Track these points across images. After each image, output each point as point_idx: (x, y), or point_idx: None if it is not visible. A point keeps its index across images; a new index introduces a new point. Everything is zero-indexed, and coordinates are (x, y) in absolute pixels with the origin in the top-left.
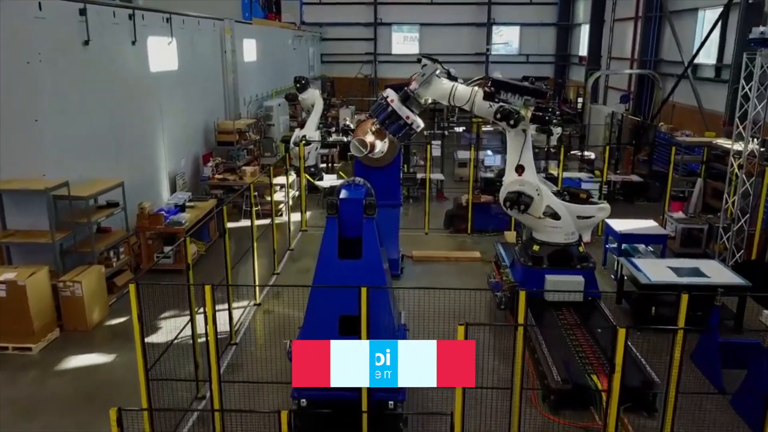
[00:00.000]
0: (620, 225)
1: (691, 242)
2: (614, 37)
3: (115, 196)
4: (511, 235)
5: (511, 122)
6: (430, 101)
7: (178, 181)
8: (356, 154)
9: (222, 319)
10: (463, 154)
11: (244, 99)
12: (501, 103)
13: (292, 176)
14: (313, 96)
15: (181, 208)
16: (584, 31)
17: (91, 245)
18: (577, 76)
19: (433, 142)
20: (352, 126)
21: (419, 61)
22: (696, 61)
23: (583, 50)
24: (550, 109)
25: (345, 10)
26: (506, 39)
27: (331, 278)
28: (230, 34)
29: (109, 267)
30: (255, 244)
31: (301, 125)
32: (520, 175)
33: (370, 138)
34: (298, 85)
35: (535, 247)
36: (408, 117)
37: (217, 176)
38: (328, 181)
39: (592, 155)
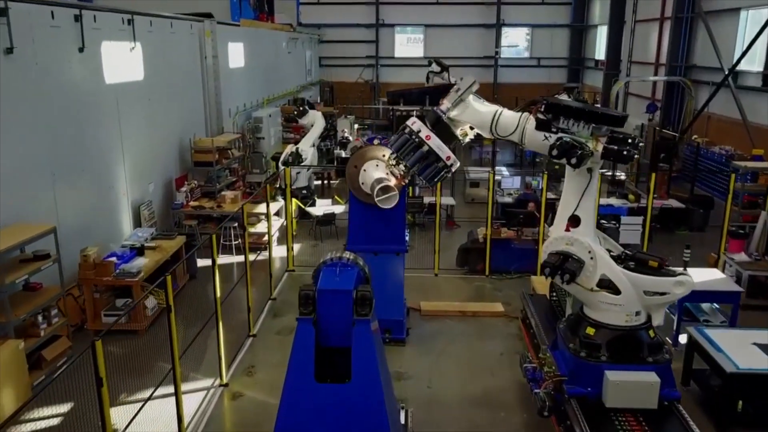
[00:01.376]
0: None
1: (760, 291)
2: (636, 39)
3: (48, 245)
4: (540, 283)
5: (573, 161)
6: (469, 136)
7: (143, 212)
8: (381, 205)
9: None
10: (474, 173)
11: (229, 110)
12: (560, 134)
13: (280, 202)
14: (314, 117)
15: (139, 250)
16: (601, 33)
17: (5, 313)
18: (592, 80)
19: None
20: (351, 138)
21: (430, 64)
22: (737, 67)
23: (599, 53)
24: (629, 140)
25: (345, 10)
26: (512, 41)
27: (304, 411)
28: (211, 37)
29: (35, 336)
30: (219, 308)
31: (297, 141)
32: (570, 229)
33: (393, 182)
34: (295, 112)
35: (590, 330)
36: (449, 157)
37: (191, 203)
38: (321, 206)
39: (623, 175)
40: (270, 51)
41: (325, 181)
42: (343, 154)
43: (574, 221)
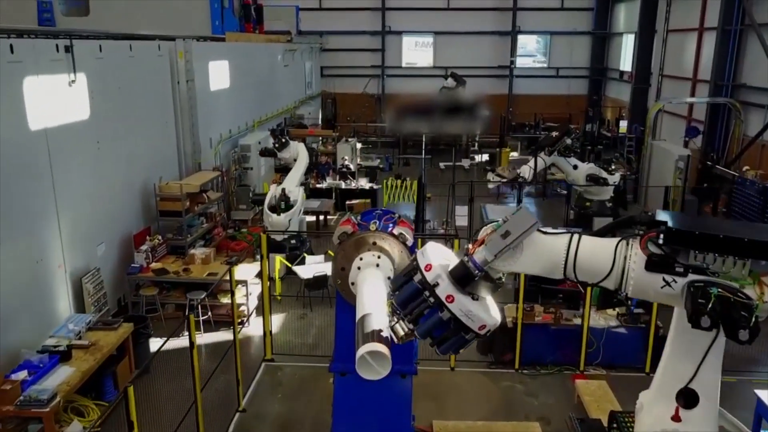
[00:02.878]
0: None
1: None
2: (668, 51)
3: None
4: (588, 392)
5: (744, 334)
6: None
7: (86, 285)
8: (360, 372)
9: None
10: (495, 214)
11: (210, 140)
12: (694, 279)
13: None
14: (295, 150)
15: (64, 354)
16: (627, 42)
17: None
18: (616, 93)
19: (458, 208)
20: (352, 167)
21: (446, 78)
22: None
23: (624, 64)
24: None
25: (349, 16)
26: (522, 43)
27: None
28: (185, 57)
29: None
30: None
31: (279, 180)
32: (681, 414)
33: (387, 343)
34: (276, 144)
35: None
36: (483, 326)
37: (153, 265)
38: (312, 264)
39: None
40: (262, 66)
41: (320, 219)
42: (342, 186)
43: (687, 399)
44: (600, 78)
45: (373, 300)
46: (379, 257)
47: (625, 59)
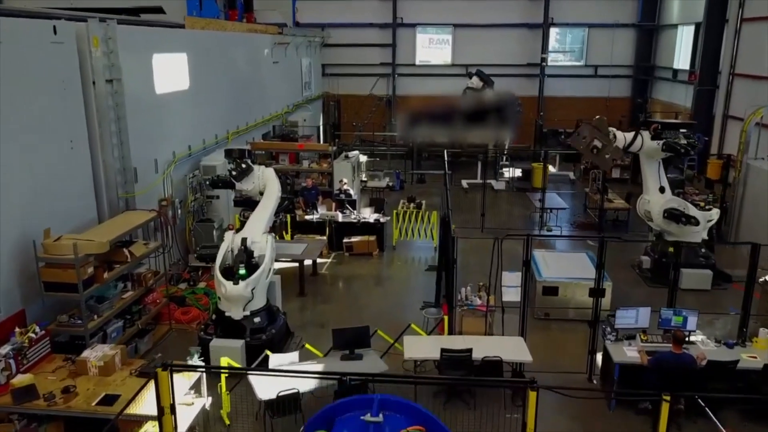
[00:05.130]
0: None
1: None
2: (742, 45)
3: None
4: None
5: None
6: None
7: None
8: None
9: None
10: (549, 267)
11: (156, 162)
12: None
13: (195, 371)
14: (264, 178)
15: None
16: (683, 35)
17: None
18: (667, 95)
19: (507, 276)
20: (352, 192)
21: (470, 76)
22: None
23: (678, 61)
24: None
25: (354, 6)
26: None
27: None
28: (102, 47)
29: None
30: None
31: (238, 226)
32: None
33: None
34: (234, 172)
35: None
36: None
37: (16, 380)
38: (278, 363)
39: None
40: (242, 62)
41: (309, 262)
42: (340, 218)
43: None
44: (646, 78)
45: None
46: None
47: (680, 56)
